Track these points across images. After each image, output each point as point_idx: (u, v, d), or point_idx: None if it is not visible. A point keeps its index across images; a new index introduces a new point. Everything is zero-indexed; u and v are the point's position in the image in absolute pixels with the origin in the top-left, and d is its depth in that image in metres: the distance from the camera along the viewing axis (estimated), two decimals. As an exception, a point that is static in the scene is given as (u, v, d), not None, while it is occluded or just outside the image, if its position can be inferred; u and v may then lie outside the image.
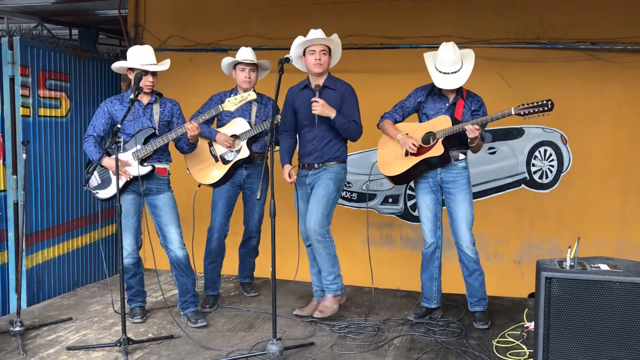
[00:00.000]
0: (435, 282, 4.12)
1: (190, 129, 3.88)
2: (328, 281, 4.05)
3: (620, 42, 4.77)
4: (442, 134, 3.87)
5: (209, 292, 4.52)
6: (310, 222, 3.95)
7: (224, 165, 4.33)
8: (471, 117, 3.90)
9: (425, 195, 4.04)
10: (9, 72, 4.86)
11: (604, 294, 2.66)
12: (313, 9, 5.39)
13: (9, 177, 4.90)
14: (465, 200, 3.95)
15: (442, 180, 3.99)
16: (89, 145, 3.93)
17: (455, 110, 3.92)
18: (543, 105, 3.68)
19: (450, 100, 3.95)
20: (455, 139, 3.88)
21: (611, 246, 4.90)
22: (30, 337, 3.86)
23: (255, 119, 4.40)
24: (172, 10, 5.87)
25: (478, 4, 5.05)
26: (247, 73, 4.34)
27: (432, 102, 3.99)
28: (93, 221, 5.75)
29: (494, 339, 3.77)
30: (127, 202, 3.95)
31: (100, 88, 5.85)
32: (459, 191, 3.95)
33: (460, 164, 3.97)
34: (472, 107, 3.94)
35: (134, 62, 3.86)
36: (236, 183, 4.44)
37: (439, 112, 3.95)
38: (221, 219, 4.43)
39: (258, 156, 4.40)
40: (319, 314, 4.04)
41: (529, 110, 3.70)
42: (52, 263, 5.31)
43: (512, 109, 3.73)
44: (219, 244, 4.46)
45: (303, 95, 4.00)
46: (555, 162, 5.07)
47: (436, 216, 4.05)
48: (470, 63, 3.85)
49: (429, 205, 4.04)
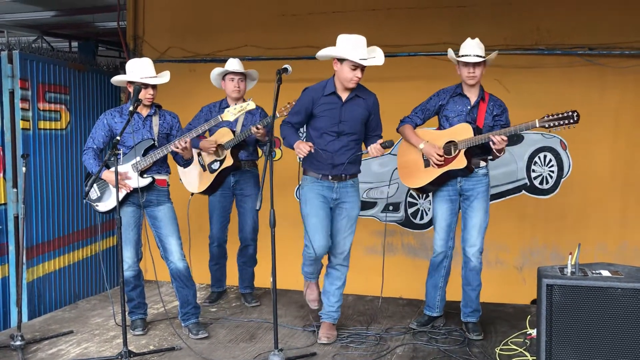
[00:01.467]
0: (440, 290, 4.07)
1: (178, 146, 3.82)
2: (333, 308, 3.94)
3: (618, 47, 4.79)
4: (464, 144, 3.75)
5: (214, 289, 4.87)
6: (346, 245, 3.86)
7: (211, 174, 4.46)
8: (493, 122, 3.82)
9: (443, 204, 3.94)
10: (9, 86, 4.88)
11: (605, 301, 2.66)
12: (312, 19, 5.41)
13: (9, 190, 4.91)
14: (482, 209, 3.88)
15: (461, 188, 3.90)
16: (89, 157, 3.93)
17: (478, 114, 3.82)
18: (569, 117, 3.52)
19: (472, 101, 3.84)
20: (478, 149, 3.77)
21: (612, 251, 4.89)
22: (31, 351, 3.85)
23: (242, 127, 4.45)
24: (171, 22, 5.90)
25: (475, 11, 5.07)
26: (237, 83, 4.42)
27: (453, 104, 3.88)
28: (93, 234, 5.75)
29: (497, 346, 3.75)
30: (127, 215, 3.94)
31: (100, 100, 5.87)
32: (477, 199, 3.87)
33: (481, 171, 3.88)
34: (495, 111, 3.84)
35: (133, 76, 3.86)
36: (227, 190, 4.58)
37: (460, 115, 3.84)
38: (218, 228, 4.65)
39: (246, 163, 4.53)
40: (326, 340, 3.91)
41: (554, 123, 3.54)
42: (53, 276, 5.30)
43: (537, 121, 3.58)
44: (220, 250, 4.72)
45: (329, 102, 3.70)
46: (555, 168, 5.07)
47: (450, 226, 3.96)
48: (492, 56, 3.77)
49: (445, 214, 3.94)
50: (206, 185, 4.49)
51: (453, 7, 5.13)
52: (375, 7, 5.23)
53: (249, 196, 4.55)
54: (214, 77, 4.51)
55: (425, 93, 4.12)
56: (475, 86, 3.84)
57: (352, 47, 3.54)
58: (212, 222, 4.65)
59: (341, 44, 3.58)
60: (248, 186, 4.55)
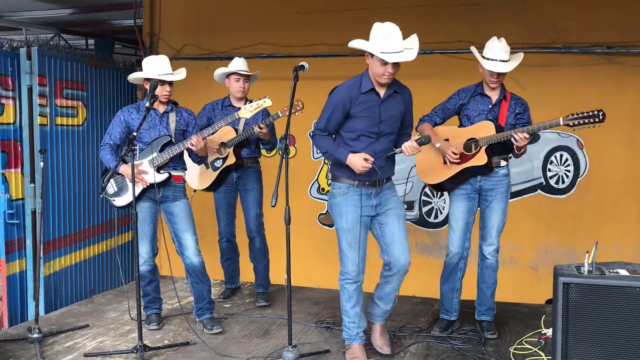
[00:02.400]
0: (457, 293, 4.00)
1: (195, 144, 3.88)
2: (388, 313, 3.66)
3: (637, 45, 4.73)
4: (485, 141, 3.68)
5: (227, 285, 4.92)
6: (404, 256, 3.44)
7: (214, 172, 4.49)
8: (515, 120, 3.76)
9: (460, 202, 3.85)
10: (27, 82, 4.94)
11: (623, 300, 2.63)
12: (327, 16, 5.41)
13: (27, 185, 4.96)
14: (500, 209, 3.82)
15: (481, 187, 3.83)
16: (106, 153, 3.97)
17: (499, 113, 3.76)
18: (594, 115, 3.43)
19: (494, 100, 3.79)
20: (499, 146, 3.70)
21: (629, 251, 4.84)
22: (48, 343, 3.89)
23: (244, 125, 4.46)
24: (187, 20, 5.93)
25: (490, 9, 5.04)
26: (242, 83, 4.46)
27: (475, 103, 3.82)
28: (109, 229, 5.80)
29: (511, 346, 3.73)
30: (143, 210, 3.97)
31: (116, 97, 5.92)
32: (496, 199, 3.81)
33: (502, 171, 3.81)
34: (517, 109, 3.78)
35: (150, 73, 3.89)
36: (231, 186, 4.61)
37: (481, 114, 3.78)
38: (225, 224, 4.70)
39: (248, 160, 4.55)
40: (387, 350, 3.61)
41: (579, 121, 3.46)
42: (69, 270, 5.36)
43: (561, 119, 3.50)
44: (229, 245, 4.78)
45: (367, 100, 3.34)
46: (571, 167, 5.03)
47: (467, 226, 3.87)
48: (517, 61, 3.68)
49: (462, 213, 3.85)
50: (209, 183, 4.52)
51: (469, 5, 5.10)
52: (389, 5, 5.21)
53: (252, 190, 4.58)
54: (218, 76, 4.53)
55: (440, 91, 4.10)
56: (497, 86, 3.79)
57: (384, 37, 3.16)
58: (219, 219, 4.69)
59: (373, 34, 3.23)
60: (250, 181, 4.58)
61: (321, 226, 5.63)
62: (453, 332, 3.99)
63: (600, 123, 3.46)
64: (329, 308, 4.57)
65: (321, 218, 5.62)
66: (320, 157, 5.58)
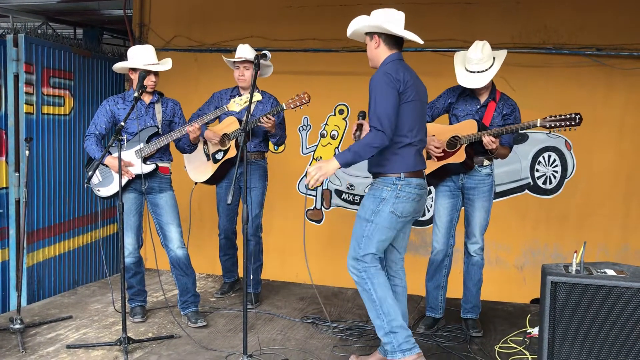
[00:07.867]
0: (442, 291, 4.02)
1: (192, 131, 3.86)
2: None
3: (626, 48, 4.77)
4: (466, 139, 3.75)
5: (225, 279, 4.80)
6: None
7: (214, 164, 4.35)
8: (502, 121, 3.79)
9: (444, 199, 3.91)
10: (13, 70, 4.86)
11: (610, 300, 2.64)
12: (318, 11, 5.39)
13: (11, 174, 4.89)
14: (483, 208, 3.86)
15: (463, 185, 3.88)
16: (91, 143, 3.91)
17: (485, 113, 3.79)
18: (571, 119, 3.50)
19: (482, 101, 3.83)
20: (480, 146, 3.73)
21: (614, 253, 4.88)
22: (30, 334, 3.84)
23: (251, 117, 4.23)
24: (177, 11, 5.87)
25: (482, 8, 5.05)
26: (241, 71, 4.25)
27: (463, 103, 3.86)
28: (94, 220, 5.74)
29: (496, 344, 3.75)
30: (128, 201, 3.93)
31: (104, 87, 5.86)
32: (479, 199, 3.85)
33: (484, 170, 3.84)
34: (504, 110, 3.81)
35: (136, 62, 3.84)
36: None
37: (469, 114, 3.82)
38: (224, 220, 4.57)
39: (252, 154, 4.32)
40: None
41: (555, 124, 3.54)
42: (53, 261, 5.29)
43: (538, 120, 3.58)
44: (227, 241, 4.64)
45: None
46: (559, 168, 5.05)
47: (451, 222, 3.92)
48: (499, 64, 3.69)
49: (446, 210, 3.90)
50: (208, 175, 4.37)
51: (461, 4, 5.10)
52: (383, 1, 5.19)
53: (253, 188, 4.34)
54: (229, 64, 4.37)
55: (431, 89, 4.06)
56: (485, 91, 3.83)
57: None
58: (219, 214, 4.56)
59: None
60: (253, 178, 4.33)
61: (309, 222, 5.61)
62: (438, 330, 4.00)
63: (576, 126, 3.52)
64: (315, 304, 4.56)
65: (309, 214, 5.60)
66: (309, 152, 5.55)
